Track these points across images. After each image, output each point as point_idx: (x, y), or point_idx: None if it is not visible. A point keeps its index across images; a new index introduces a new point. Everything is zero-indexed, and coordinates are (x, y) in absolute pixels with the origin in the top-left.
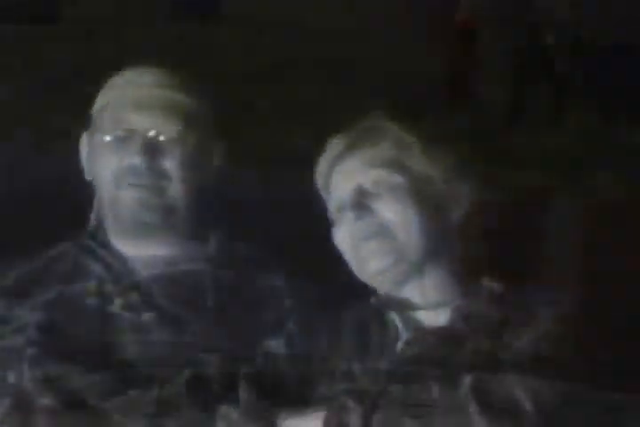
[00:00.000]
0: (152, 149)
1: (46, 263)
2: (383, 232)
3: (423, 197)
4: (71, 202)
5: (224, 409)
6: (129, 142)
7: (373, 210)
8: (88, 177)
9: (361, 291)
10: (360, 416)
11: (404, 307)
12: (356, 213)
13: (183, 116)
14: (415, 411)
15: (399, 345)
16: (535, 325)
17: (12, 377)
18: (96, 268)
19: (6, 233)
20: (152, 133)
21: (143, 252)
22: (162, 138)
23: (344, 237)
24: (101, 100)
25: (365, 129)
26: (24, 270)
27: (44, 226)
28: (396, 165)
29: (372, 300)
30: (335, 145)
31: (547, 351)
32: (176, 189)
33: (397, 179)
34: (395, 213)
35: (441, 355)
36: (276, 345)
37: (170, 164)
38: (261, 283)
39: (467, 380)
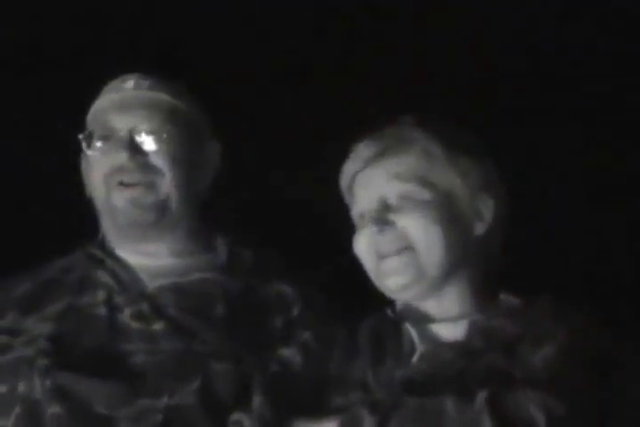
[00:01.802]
0: (136, 145)
1: (56, 274)
2: (404, 248)
3: (447, 212)
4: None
5: (236, 416)
6: (113, 142)
7: (396, 225)
8: (88, 193)
9: (377, 300)
10: None
11: (421, 319)
12: (379, 227)
13: (164, 112)
14: (429, 423)
15: (415, 358)
16: (551, 341)
17: (22, 387)
18: (105, 278)
19: (16, 246)
20: (133, 129)
21: (151, 262)
22: (144, 133)
23: (365, 248)
24: (91, 112)
25: (392, 136)
26: (35, 282)
27: (55, 237)
28: (423, 180)
29: (389, 311)
30: (361, 150)
31: (561, 369)
32: (168, 185)
33: (424, 195)
34: (418, 228)
35: (456, 369)
36: (290, 353)
37: (158, 159)
38: (270, 290)
39: (481, 395)
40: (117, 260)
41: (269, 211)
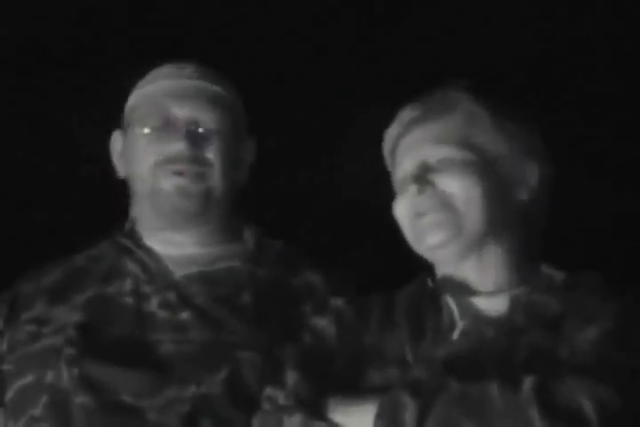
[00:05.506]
0: (194, 136)
1: (84, 264)
2: (444, 206)
3: (489, 174)
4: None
5: (270, 391)
6: (170, 131)
7: (435, 184)
8: (121, 175)
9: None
10: (415, 413)
11: (462, 291)
12: (419, 186)
13: (220, 107)
14: (473, 410)
15: (455, 334)
16: (597, 322)
17: (50, 376)
18: (132, 267)
19: (16, 246)
20: (193, 120)
21: (178, 251)
22: (202, 126)
23: (404, 209)
24: (137, 96)
25: (437, 99)
26: (63, 272)
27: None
28: (465, 143)
29: (429, 282)
30: (404, 115)
31: (609, 355)
32: (216, 177)
33: (465, 156)
34: (458, 187)
35: (498, 348)
36: (323, 324)
37: (211, 152)
38: (298, 280)
39: (528, 382)
40: (145, 249)
41: (270, 210)
